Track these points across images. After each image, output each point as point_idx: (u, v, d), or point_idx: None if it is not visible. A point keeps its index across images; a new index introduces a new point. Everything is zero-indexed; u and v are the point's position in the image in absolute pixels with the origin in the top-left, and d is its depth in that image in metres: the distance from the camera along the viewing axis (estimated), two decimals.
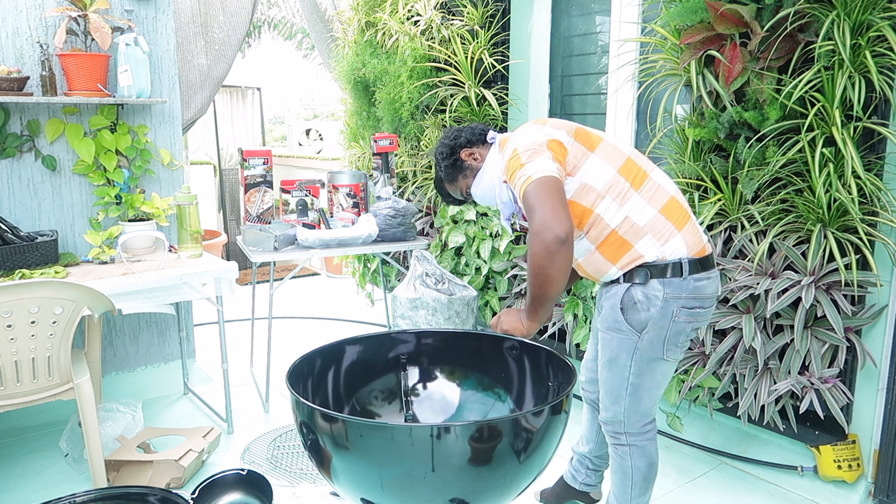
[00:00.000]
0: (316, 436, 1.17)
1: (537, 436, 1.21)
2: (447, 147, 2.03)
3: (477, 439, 1.10)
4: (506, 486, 1.20)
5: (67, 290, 2.17)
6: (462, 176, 2.03)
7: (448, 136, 2.06)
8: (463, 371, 1.66)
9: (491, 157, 1.99)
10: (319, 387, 1.52)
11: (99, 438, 2.33)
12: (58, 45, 2.65)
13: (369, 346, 1.65)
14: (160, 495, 2.02)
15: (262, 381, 3.43)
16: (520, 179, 1.71)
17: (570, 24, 3.39)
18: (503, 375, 1.65)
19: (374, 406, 1.60)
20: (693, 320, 1.80)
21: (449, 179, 2.06)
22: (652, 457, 1.92)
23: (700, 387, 2.53)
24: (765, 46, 2.19)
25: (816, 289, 2.18)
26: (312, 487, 2.47)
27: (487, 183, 1.98)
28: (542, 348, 1.62)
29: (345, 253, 3.16)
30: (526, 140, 1.79)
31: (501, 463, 1.14)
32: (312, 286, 5.78)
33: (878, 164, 2.15)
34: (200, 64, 3.85)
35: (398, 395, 1.62)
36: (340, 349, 1.59)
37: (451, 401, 1.64)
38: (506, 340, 1.71)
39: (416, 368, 1.67)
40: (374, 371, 1.64)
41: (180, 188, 3.14)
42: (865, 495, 2.35)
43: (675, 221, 1.78)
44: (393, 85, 3.67)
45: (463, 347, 1.71)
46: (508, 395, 1.62)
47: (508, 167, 1.79)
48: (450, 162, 2.02)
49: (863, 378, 2.33)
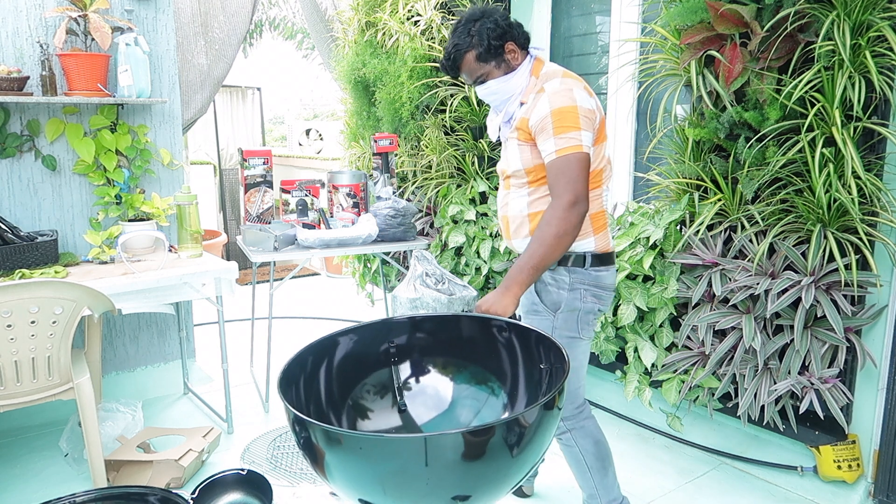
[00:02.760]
0: (308, 434, 1.20)
1: (529, 431, 1.23)
2: (500, 28, 1.90)
3: (469, 439, 1.14)
4: (499, 481, 1.23)
5: (67, 289, 2.17)
6: (495, 64, 1.93)
7: (501, 16, 1.91)
8: (455, 364, 1.66)
9: (524, 68, 1.94)
10: (312, 385, 1.52)
11: (99, 438, 2.33)
12: (58, 45, 2.65)
13: (361, 338, 1.63)
14: (160, 495, 2.02)
15: (262, 381, 3.43)
16: (571, 140, 1.78)
17: (570, 24, 3.39)
18: (495, 363, 1.64)
19: (366, 401, 1.61)
20: (598, 302, 1.97)
21: (481, 59, 1.92)
22: (595, 434, 2.02)
23: (700, 387, 2.53)
24: (765, 46, 2.19)
25: (816, 289, 2.18)
26: (312, 487, 2.47)
27: (510, 87, 1.93)
28: (532, 330, 1.58)
29: (345, 253, 3.16)
30: (583, 100, 1.83)
31: (494, 458, 1.17)
32: (312, 286, 5.78)
33: (878, 164, 2.15)
34: (200, 64, 3.85)
35: (391, 389, 1.63)
36: (333, 343, 1.59)
37: (444, 396, 1.64)
38: (495, 324, 1.66)
39: (407, 362, 1.67)
40: (366, 365, 1.63)
41: (180, 188, 3.14)
42: (865, 495, 2.35)
43: (595, 227, 1.93)
44: (393, 85, 3.67)
45: (454, 335, 1.69)
46: (502, 388, 1.61)
47: (560, 116, 1.79)
48: (497, 44, 1.89)
49: (863, 378, 2.33)
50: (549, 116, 1.80)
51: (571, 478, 2.25)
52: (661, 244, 2.58)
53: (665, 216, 2.56)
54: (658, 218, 2.59)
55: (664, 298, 2.54)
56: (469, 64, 1.94)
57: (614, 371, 2.90)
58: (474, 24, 1.91)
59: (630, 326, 2.68)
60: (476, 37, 1.90)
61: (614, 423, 3.01)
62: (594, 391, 3.20)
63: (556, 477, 2.54)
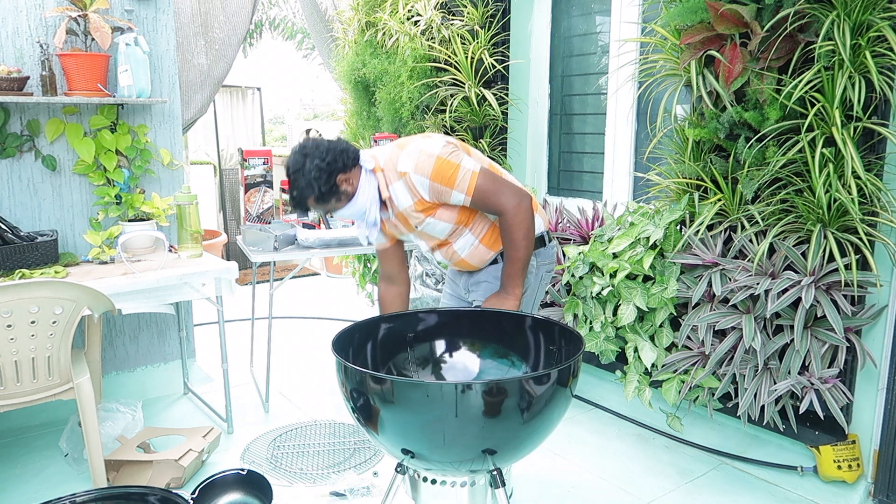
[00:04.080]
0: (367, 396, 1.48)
1: (540, 400, 1.46)
2: (323, 172, 1.94)
3: (488, 394, 1.40)
4: (514, 439, 1.49)
5: (67, 290, 2.17)
6: (336, 199, 2.00)
7: (319, 156, 1.95)
8: (482, 342, 1.91)
9: (364, 183, 2.04)
10: (359, 355, 1.79)
11: (99, 438, 2.33)
12: (58, 45, 2.65)
13: (399, 323, 1.91)
14: (160, 495, 2.02)
15: (262, 381, 3.43)
16: (464, 178, 1.97)
17: (570, 24, 3.39)
18: (520, 347, 1.88)
19: (408, 372, 1.88)
20: (549, 279, 2.27)
21: (322, 201, 1.99)
22: None
23: (700, 387, 2.52)
24: (765, 46, 2.19)
25: (816, 289, 2.18)
26: (312, 487, 2.47)
27: (360, 205, 2.05)
28: (555, 323, 1.79)
29: (345, 253, 3.16)
30: (432, 147, 1.99)
31: (507, 417, 1.43)
32: (312, 286, 5.78)
33: (878, 164, 2.15)
34: (200, 64, 3.85)
35: (430, 363, 1.90)
36: (376, 325, 1.86)
37: (471, 369, 1.89)
38: (524, 318, 1.90)
39: (441, 341, 1.92)
40: (404, 342, 1.90)
41: (180, 188, 3.14)
42: (865, 495, 2.35)
43: (533, 206, 2.07)
44: (393, 85, 3.67)
45: (483, 324, 1.92)
46: (522, 362, 1.86)
47: (440, 174, 1.96)
48: (327, 187, 1.95)
49: (863, 378, 2.33)
50: (434, 183, 1.97)
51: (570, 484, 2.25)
52: (661, 244, 2.58)
53: (665, 216, 2.56)
54: (658, 218, 2.59)
55: (664, 298, 2.54)
56: (315, 204, 2.01)
57: (614, 371, 2.90)
58: (300, 174, 1.95)
59: (630, 326, 2.68)
60: (307, 187, 1.95)
61: (614, 423, 3.01)
62: (594, 391, 3.20)
63: (555, 478, 2.54)
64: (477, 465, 1.50)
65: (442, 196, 2.00)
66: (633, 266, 2.59)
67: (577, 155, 3.46)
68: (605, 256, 2.70)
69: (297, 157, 1.96)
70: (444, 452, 1.48)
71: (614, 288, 2.65)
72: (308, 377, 3.59)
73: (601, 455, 2.73)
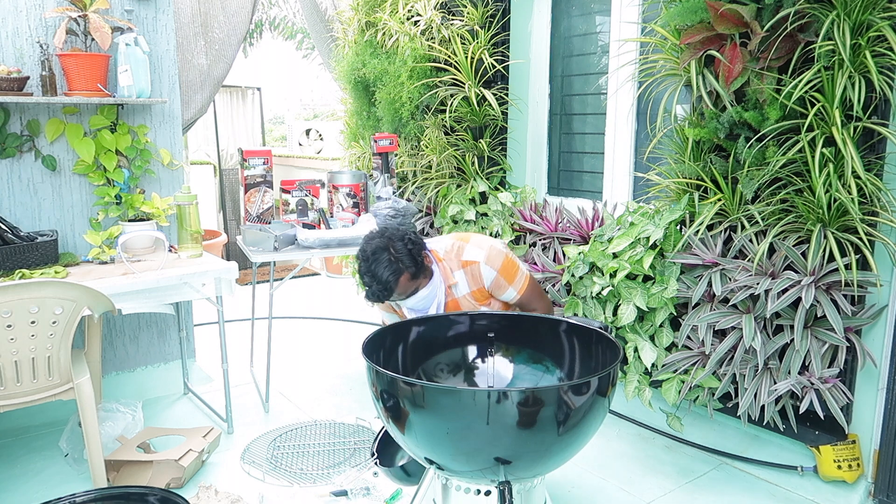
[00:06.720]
0: (397, 399, 1.44)
1: (578, 412, 1.40)
2: (417, 244, 2.08)
3: (523, 404, 1.34)
4: (544, 452, 1.43)
5: (67, 290, 2.17)
6: (423, 275, 2.12)
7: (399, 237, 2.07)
8: (516, 347, 1.90)
9: (435, 265, 2.23)
10: (390, 359, 1.78)
11: (99, 438, 2.33)
12: (58, 45, 2.65)
13: (430, 327, 1.91)
14: (160, 495, 2.02)
15: (262, 381, 3.43)
16: (520, 278, 2.30)
17: (570, 24, 3.39)
18: (555, 353, 1.85)
19: (439, 378, 1.86)
20: None
21: (415, 277, 2.09)
22: None
23: (700, 387, 2.52)
24: (765, 46, 2.19)
25: (816, 289, 2.18)
26: (312, 487, 2.48)
27: (435, 286, 2.20)
28: (592, 329, 1.76)
29: (345, 253, 3.16)
30: (502, 246, 2.28)
31: (542, 429, 1.37)
32: (312, 286, 5.78)
33: (878, 164, 2.15)
34: (200, 64, 3.85)
35: (462, 368, 1.88)
36: (407, 328, 1.86)
37: (504, 375, 1.88)
38: (560, 322, 1.87)
39: (474, 346, 1.90)
40: (436, 346, 1.88)
41: (180, 188, 3.14)
42: (865, 495, 2.36)
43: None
44: (393, 85, 3.67)
45: (517, 328, 1.92)
46: (557, 367, 1.84)
47: (506, 269, 2.25)
48: (420, 259, 2.09)
49: (863, 378, 2.33)
50: (499, 276, 2.24)
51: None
52: (661, 244, 2.58)
53: (665, 216, 2.56)
54: (658, 218, 2.59)
55: (664, 298, 2.54)
56: (403, 285, 2.08)
57: None
58: (390, 251, 2.03)
59: (630, 326, 2.68)
60: (401, 261, 2.04)
61: (614, 423, 3.01)
62: None
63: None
64: (493, 474, 1.45)
65: (499, 289, 2.25)
66: (633, 266, 2.59)
67: (577, 155, 3.46)
68: (605, 256, 2.70)
69: (376, 240, 2.05)
70: (465, 462, 1.43)
71: (614, 288, 2.65)
72: (308, 377, 3.59)
73: (601, 455, 2.73)
